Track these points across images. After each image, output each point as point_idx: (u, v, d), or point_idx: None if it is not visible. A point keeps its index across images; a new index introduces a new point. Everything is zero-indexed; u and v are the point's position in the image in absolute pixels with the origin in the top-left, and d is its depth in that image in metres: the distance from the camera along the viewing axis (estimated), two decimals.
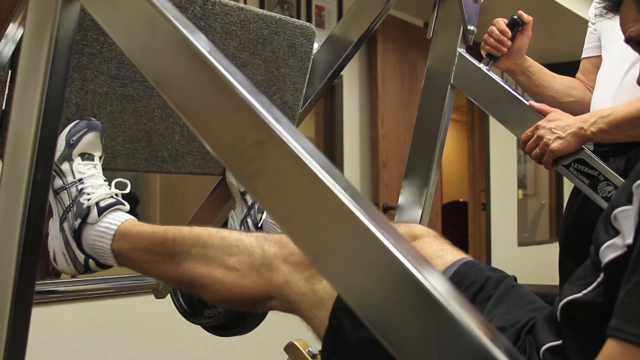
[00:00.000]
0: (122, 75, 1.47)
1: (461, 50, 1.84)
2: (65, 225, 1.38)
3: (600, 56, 2.20)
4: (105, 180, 1.42)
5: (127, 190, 1.43)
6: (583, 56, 2.30)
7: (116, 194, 1.40)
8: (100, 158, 1.44)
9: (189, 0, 1.52)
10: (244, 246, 1.25)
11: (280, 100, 1.81)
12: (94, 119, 1.44)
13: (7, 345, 1.08)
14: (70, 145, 1.40)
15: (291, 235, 0.77)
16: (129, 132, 1.52)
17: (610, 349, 0.82)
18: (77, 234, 1.37)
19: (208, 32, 1.57)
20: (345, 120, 4.56)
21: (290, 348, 1.35)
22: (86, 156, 1.41)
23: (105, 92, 1.46)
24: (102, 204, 1.37)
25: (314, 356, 1.34)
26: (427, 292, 0.66)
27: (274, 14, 1.73)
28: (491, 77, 1.82)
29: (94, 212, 1.36)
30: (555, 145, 1.72)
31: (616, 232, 0.92)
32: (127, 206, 1.40)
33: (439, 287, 0.67)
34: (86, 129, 1.42)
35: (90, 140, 1.42)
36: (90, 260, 1.37)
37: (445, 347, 0.66)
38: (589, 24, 2.28)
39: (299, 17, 4.19)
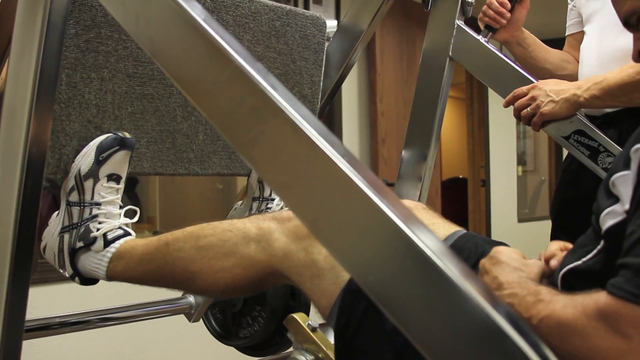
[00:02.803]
0: (140, 73, 1.45)
1: (459, 23, 1.83)
2: (66, 237, 1.36)
3: (583, 31, 2.19)
4: (120, 207, 1.39)
5: (136, 220, 1.40)
6: (567, 33, 2.30)
7: (126, 224, 1.38)
8: (125, 179, 1.40)
9: None
10: (238, 229, 1.23)
11: (299, 95, 1.79)
12: (127, 134, 1.40)
13: (6, 313, 1.08)
14: (98, 162, 1.36)
15: (289, 202, 0.76)
16: (152, 133, 1.50)
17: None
18: (75, 252, 1.36)
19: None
20: (344, 97, 4.54)
21: (291, 321, 1.34)
22: (113, 177, 1.37)
23: (124, 91, 1.43)
24: (109, 236, 1.35)
25: (313, 329, 1.33)
26: (427, 257, 0.66)
27: (283, 5, 1.73)
28: (490, 48, 1.81)
29: (100, 242, 1.34)
30: (546, 108, 1.72)
31: (616, 199, 0.91)
32: (133, 235, 1.38)
33: (438, 252, 0.66)
34: (118, 147, 1.37)
35: (120, 159, 1.38)
36: (77, 278, 1.37)
37: (446, 313, 0.65)
38: (568, 0, 2.27)
39: None
